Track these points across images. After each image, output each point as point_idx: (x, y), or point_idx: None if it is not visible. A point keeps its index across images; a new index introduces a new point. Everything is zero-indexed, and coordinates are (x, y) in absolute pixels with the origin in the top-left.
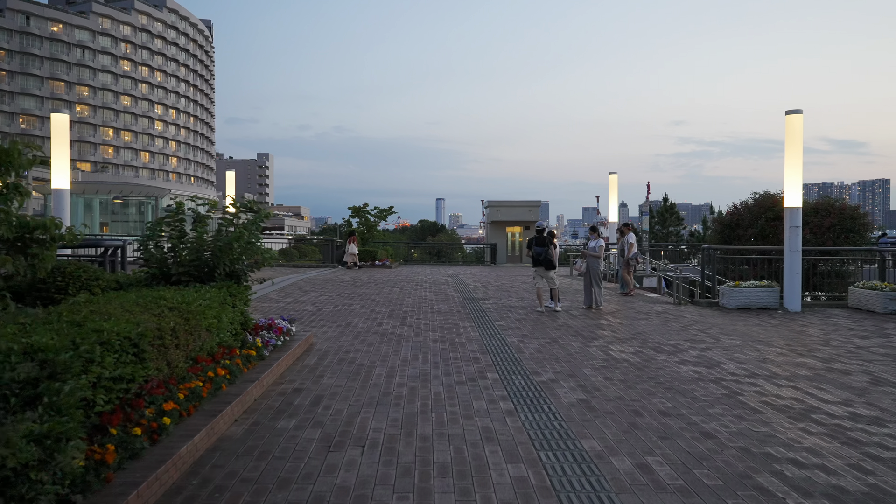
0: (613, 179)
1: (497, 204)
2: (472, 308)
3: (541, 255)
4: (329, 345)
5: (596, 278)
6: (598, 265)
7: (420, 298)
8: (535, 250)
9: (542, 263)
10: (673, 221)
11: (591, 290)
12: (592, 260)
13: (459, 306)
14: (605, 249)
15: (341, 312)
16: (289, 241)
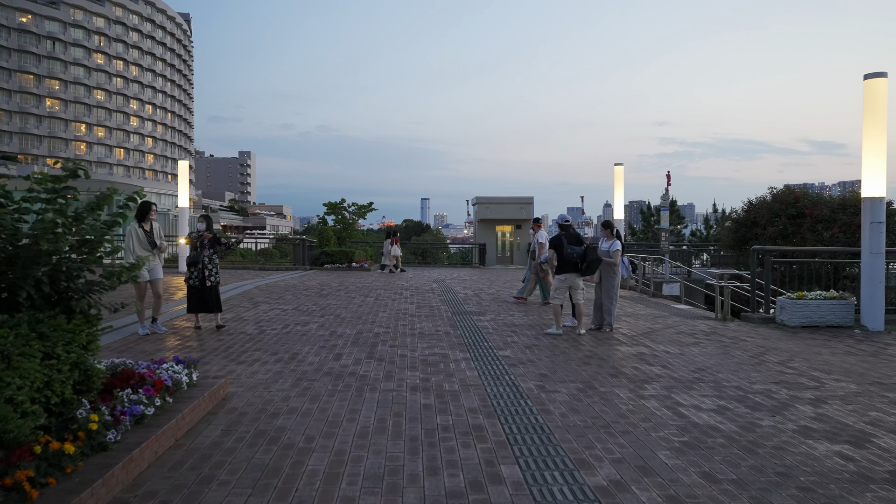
0: (619, 171)
1: (486, 201)
2: (465, 327)
3: (578, 255)
4: (252, 398)
5: (609, 291)
6: (614, 274)
7: (398, 313)
8: (574, 250)
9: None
10: (674, 220)
11: (600, 305)
12: (607, 268)
13: (448, 324)
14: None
15: (290, 336)
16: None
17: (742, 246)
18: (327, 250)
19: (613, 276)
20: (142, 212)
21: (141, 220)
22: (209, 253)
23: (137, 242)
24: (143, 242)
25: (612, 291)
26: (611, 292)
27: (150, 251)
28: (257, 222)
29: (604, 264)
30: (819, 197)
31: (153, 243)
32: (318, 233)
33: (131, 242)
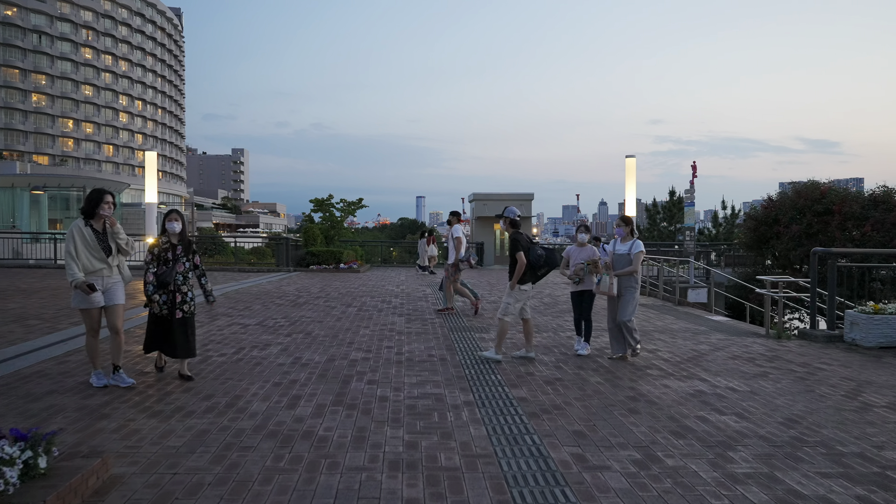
0: (630, 164)
1: (483, 197)
2: (465, 350)
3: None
4: (145, 488)
5: (627, 308)
6: (635, 287)
7: (384, 329)
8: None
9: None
10: (681, 217)
11: (618, 330)
12: (627, 278)
13: (444, 345)
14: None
15: (239, 368)
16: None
17: (761, 245)
18: (313, 250)
19: (635, 290)
20: (90, 204)
21: (89, 215)
22: (185, 268)
23: (83, 247)
24: (91, 247)
25: (630, 308)
26: (628, 309)
27: (103, 260)
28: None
29: (621, 276)
30: (847, 192)
31: (108, 248)
32: (304, 231)
33: (73, 246)
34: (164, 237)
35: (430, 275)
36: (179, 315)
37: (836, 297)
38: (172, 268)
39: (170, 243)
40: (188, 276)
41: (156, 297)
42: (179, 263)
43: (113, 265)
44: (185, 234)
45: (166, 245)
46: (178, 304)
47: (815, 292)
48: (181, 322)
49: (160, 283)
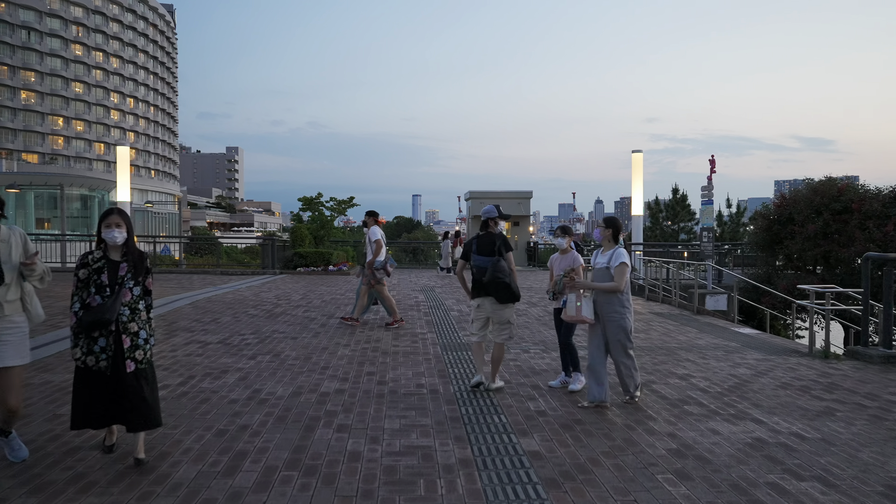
0: (637, 160)
1: (480, 195)
2: (461, 378)
3: (486, 270)
4: None
5: (618, 339)
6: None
7: (366, 348)
8: (477, 261)
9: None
10: (684, 216)
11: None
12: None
13: (436, 370)
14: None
15: (179, 407)
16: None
17: (774, 245)
18: (301, 251)
19: (622, 315)
20: None
21: None
22: (133, 297)
23: None
24: None
25: (623, 339)
26: (622, 340)
27: None
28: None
29: (603, 297)
30: (865, 189)
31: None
32: (291, 231)
33: None
34: (99, 250)
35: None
36: (131, 367)
37: (893, 311)
38: (115, 298)
39: (106, 259)
40: (138, 307)
41: (78, 352)
42: (125, 290)
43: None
44: (133, 244)
45: (99, 263)
46: (126, 351)
47: (868, 305)
48: (135, 377)
49: (92, 320)
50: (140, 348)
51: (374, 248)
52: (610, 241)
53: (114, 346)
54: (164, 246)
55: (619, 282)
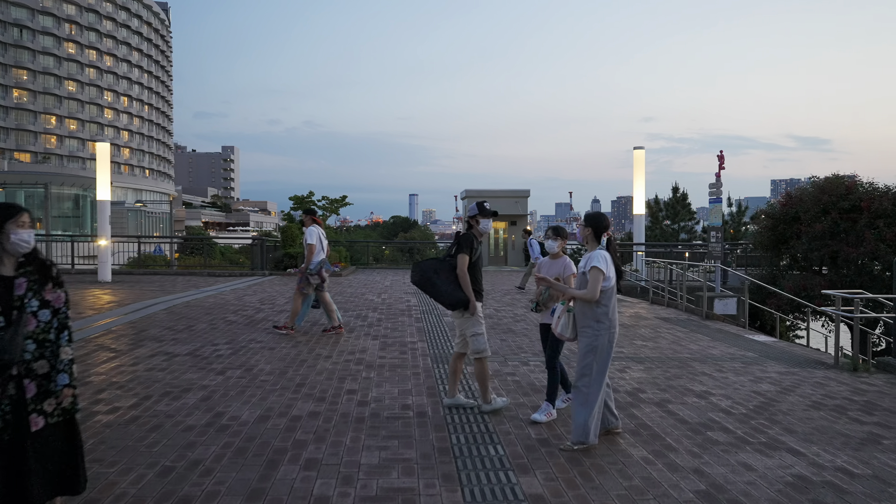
0: (639, 156)
1: (476, 194)
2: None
3: (425, 274)
4: None
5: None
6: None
7: (349, 359)
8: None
9: (422, 290)
10: (685, 215)
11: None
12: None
13: (424, 387)
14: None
15: (125, 438)
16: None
17: (779, 245)
18: (291, 252)
19: (594, 332)
20: None
21: None
22: (39, 325)
23: None
24: None
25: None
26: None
27: None
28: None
29: (578, 308)
30: (874, 188)
31: None
32: (282, 231)
33: None
34: None
35: None
36: (39, 424)
37: None
38: (15, 329)
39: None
40: (48, 337)
41: None
42: (27, 317)
43: None
44: (37, 251)
45: None
46: (31, 401)
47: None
48: (42, 440)
49: None
50: (52, 395)
51: (308, 250)
52: (592, 242)
53: (14, 395)
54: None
55: (590, 289)
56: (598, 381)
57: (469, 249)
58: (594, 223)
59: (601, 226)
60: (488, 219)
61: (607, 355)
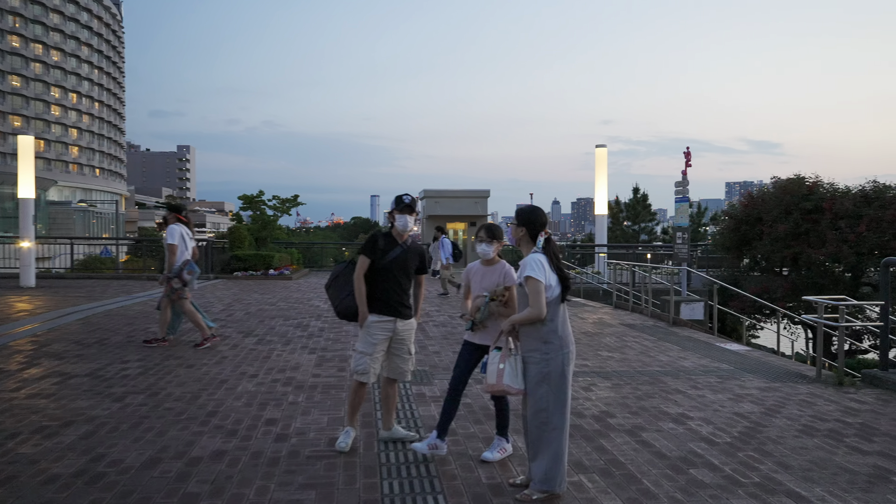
0: (601, 154)
1: (435, 194)
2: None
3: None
4: None
5: (536, 388)
6: (544, 353)
7: (276, 382)
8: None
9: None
10: (646, 216)
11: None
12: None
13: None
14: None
15: None
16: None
17: (741, 247)
18: (239, 254)
19: (543, 357)
20: None
21: None
22: None
23: None
24: None
25: (541, 395)
26: (539, 395)
27: None
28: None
29: (522, 330)
30: (835, 188)
31: None
32: (230, 233)
33: None
34: None
35: None
36: None
37: None
38: None
39: None
40: None
41: None
42: None
43: None
44: None
45: None
46: None
47: (888, 321)
48: None
49: None
50: None
51: (168, 251)
52: (527, 244)
53: None
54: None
55: (534, 305)
56: (559, 414)
57: (370, 250)
58: (528, 220)
59: (537, 223)
60: (406, 215)
61: (564, 381)
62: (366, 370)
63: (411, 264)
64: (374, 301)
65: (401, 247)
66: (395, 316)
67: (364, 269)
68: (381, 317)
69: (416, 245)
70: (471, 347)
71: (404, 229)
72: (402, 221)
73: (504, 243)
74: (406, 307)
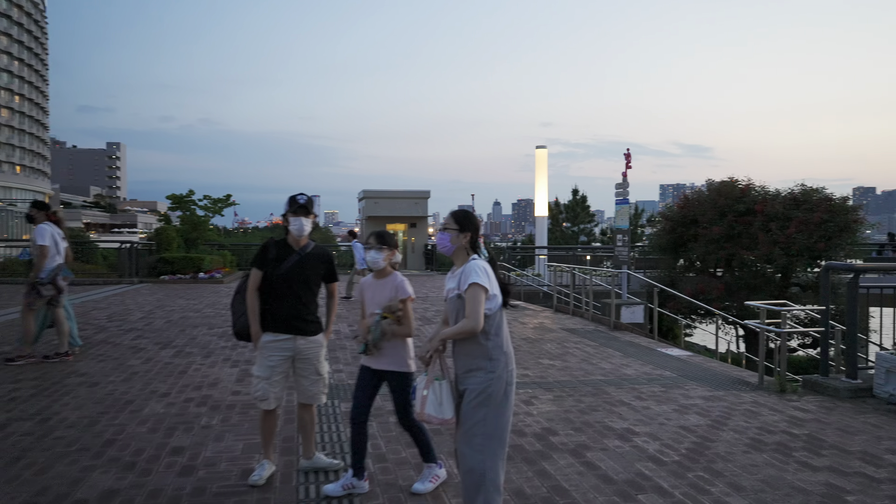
0: (541, 155)
1: (375, 195)
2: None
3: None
4: None
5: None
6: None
7: (190, 401)
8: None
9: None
10: (585, 218)
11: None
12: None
13: (280, 443)
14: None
15: None
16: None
17: (677, 248)
18: (167, 256)
19: (486, 376)
20: None
21: None
22: None
23: None
24: None
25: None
26: (478, 419)
27: None
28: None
29: (459, 346)
30: (766, 191)
31: None
32: (156, 234)
33: None
34: None
35: None
36: None
37: (857, 332)
38: None
39: None
40: None
41: None
42: None
43: None
44: None
45: None
46: None
47: (827, 326)
48: None
49: None
50: None
51: (37, 254)
52: (465, 251)
53: None
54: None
55: (472, 315)
56: (497, 443)
57: (260, 261)
58: (473, 225)
59: (479, 228)
60: (301, 217)
61: (507, 403)
62: (265, 396)
63: (312, 273)
64: (269, 318)
65: (298, 254)
66: (294, 333)
67: (256, 282)
68: (276, 335)
69: (320, 251)
70: (367, 373)
71: (300, 234)
72: (297, 225)
73: (395, 252)
74: (308, 322)
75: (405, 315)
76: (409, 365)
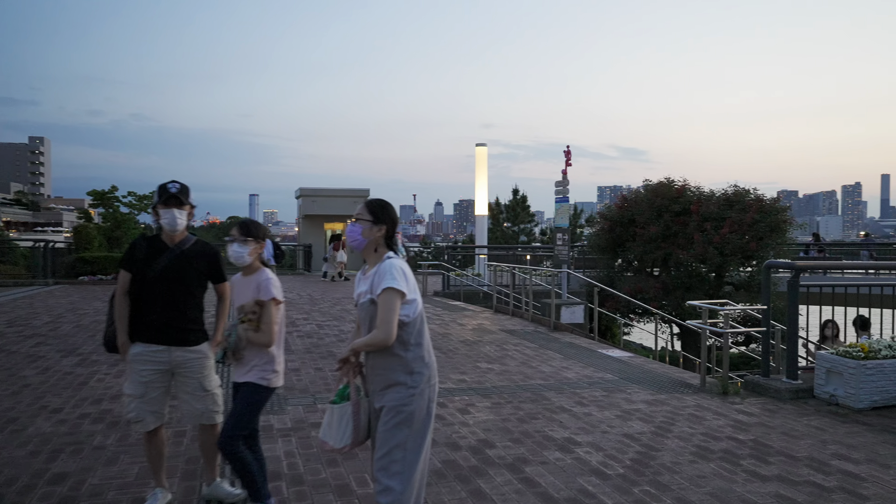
0: (481, 153)
1: (312, 193)
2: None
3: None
4: None
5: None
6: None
7: (84, 419)
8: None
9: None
10: (525, 217)
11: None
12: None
13: (183, 465)
14: None
15: None
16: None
17: (616, 248)
18: (86, 256)
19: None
20: None
21: None
22: None
23: None
24: None
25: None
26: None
27: None
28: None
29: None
30: (701, 192)
31: None
32: (75, 233)
33: None
34: None
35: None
36: None
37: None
38: None
39: None
40: None
41: None
42: None
43: None
44: None
45: None
46: None
47: (769, 326)
48: None
49: None
50: None
51: None
52: (381, 249)
53: None
54: None
55: (383, 326)
56: (418, 469)
57: (128, 262)
58: (390, 217)
59: (396, 221)
60: (174, 209)
61: (429, 422)
62: (139, 417)
63: (191, 273)
64: (139, 326)
65: (172, 251)
66: (169, 343)
67: (125, 286)
68: (147, 346)
69: (202, 247)
70: (235, 387)
71: (173, 228)
72: (169, 218)
73: (262, 245)
74: (185, 330)
75: (264, 320)
76: (268, 380)
